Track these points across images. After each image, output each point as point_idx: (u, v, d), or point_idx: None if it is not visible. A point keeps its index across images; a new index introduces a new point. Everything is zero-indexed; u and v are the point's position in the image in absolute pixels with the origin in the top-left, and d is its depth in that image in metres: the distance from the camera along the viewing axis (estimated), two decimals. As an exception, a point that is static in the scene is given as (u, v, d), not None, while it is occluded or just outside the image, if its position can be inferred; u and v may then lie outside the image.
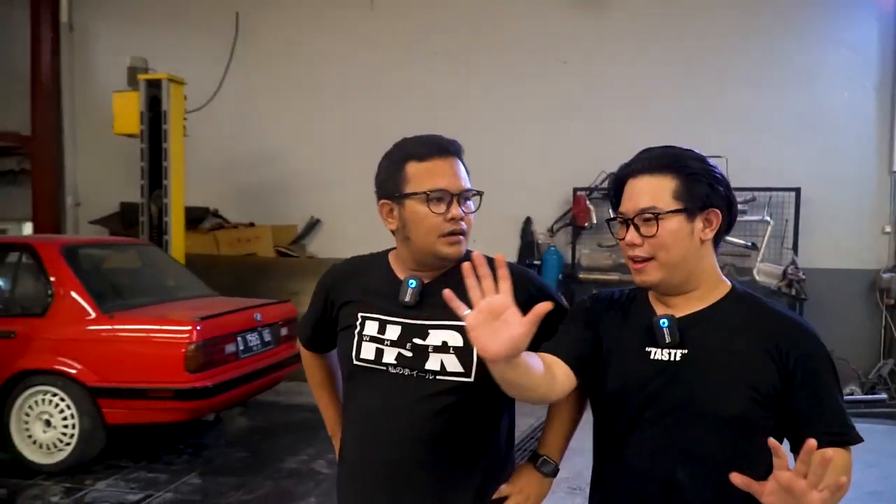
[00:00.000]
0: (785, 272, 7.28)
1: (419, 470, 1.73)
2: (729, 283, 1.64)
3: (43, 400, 4.84)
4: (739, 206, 6.91)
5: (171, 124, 7.16)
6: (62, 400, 4.80)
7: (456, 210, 1.70)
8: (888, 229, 7.62)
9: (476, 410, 1.75)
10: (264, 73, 9.10)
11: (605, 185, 7.88)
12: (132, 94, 7.30)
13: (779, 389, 1.48)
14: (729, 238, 7.36)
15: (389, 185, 1.74)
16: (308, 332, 1.98)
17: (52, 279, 4.94)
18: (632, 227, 1.56)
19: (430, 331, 1.73)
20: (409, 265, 1.79)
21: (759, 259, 7.38)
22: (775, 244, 7.52)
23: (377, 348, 1.74)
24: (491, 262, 1.39)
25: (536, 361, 1.45)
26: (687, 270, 1.56)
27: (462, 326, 1.54)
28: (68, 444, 4.80)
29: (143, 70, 7.48)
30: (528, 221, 8.35)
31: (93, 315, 4.84)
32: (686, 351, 1.53)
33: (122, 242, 6.55)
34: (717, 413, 1.48)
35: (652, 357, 1.55)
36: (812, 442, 1.20)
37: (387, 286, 1.79)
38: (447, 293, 1.33)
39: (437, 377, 1.71)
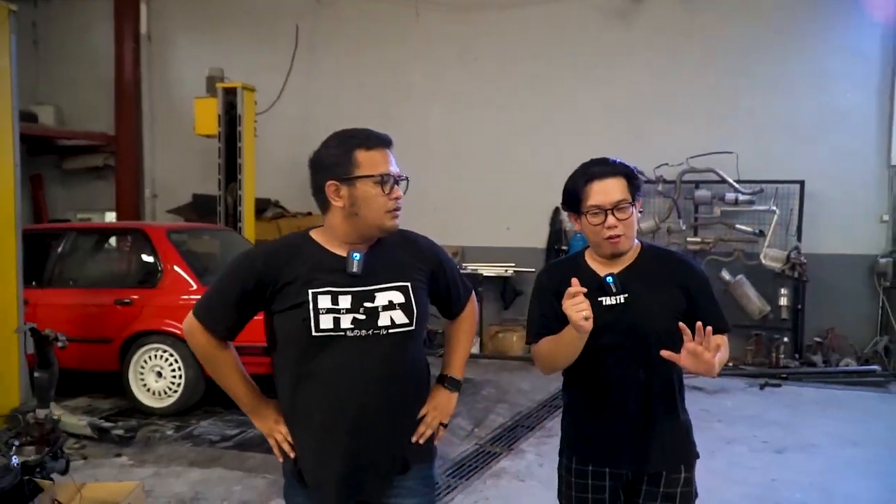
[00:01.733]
0: (788, 257, 8.07)
1: (382, 409, 2.01)
2: (639, 243, 2.27)
3: (155, 355, 5.92)
4: (749, 198, 7.94)
5: (245, 126, 8.21)
6: (171, 355, 5.88)
7: (398, 191, 2.01)
8: (886, 218, 8.33)
9: (416, 353, 2.10)
10: (322, 79, 10.10)
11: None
12: (211, 101, 8.37)
13: (686, 307, 2.16)
14: (738, 226, 8.25)
15: (339, 168, 1.97)
16: (228, 320, 2.02)
17: (161, 257, 6.02)
18: (610, 215, 2.11)
19: (376, 294, 1.99)
20: (349, 239, 2.01)
21: (765, 245, 8.19)
22: (781, 232, 8.30)
23: (334, 318, 1.94)
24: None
25: None
26: (632, 240, 2.21)
27: (401, 286, 2.02)
28: (176, 391, 5.89)
29: (220, 79, 8.54)
30: (556, 211, 9.19)
31: (195, 286, 5.88)
32: (627, 294, 2.14)
33: (210, 228, 7.62)
34: (655, 329, 2.11)
35: (604, 304, 2.14)
36: (709, 328, 1.95)
37: (327, 262, 2.00)
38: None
39: (390, 331, 1.99)
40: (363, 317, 1.95)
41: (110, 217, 10.81)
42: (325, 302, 1.93)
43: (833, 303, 8.26)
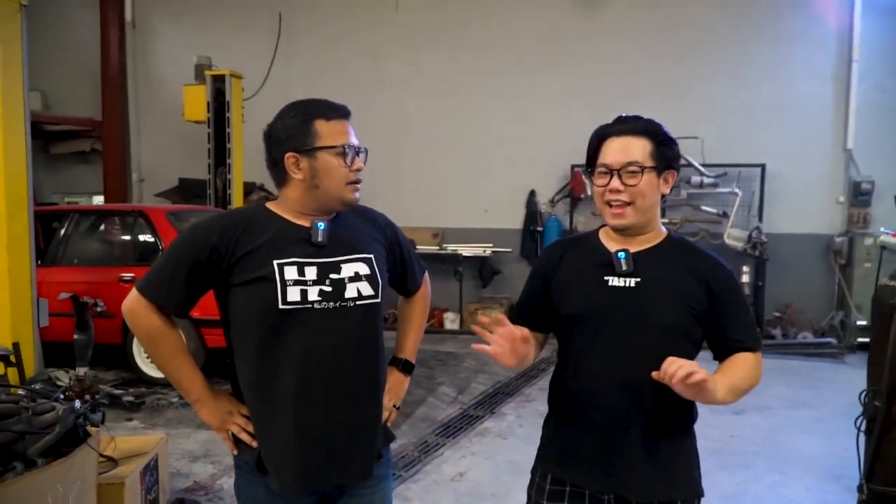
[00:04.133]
0: (750, 236, 8.58)
1: (357, 382, 1.92)
2: (666, 231, 1.96)
3: (158, 329, 6.24)
4: (713, 180, 8.49)
5: (233, 112, 8.50)
6: (173, 328, 6.20)
7: (359, 162, 1.95)
8: (842, 199, 8.90)
9: (380, 327, 2.00)
10: (304, 65, 10.34)
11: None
12: (200, 88, 8.64)
13: (706, 307, 1.84)
14: (703, 207, 8.75)
15: (299, 139, 1.89)
16: (180, 294, 1.87)
17: (161, 237, 6.35)
18: (615, 177, 1.82)
19: (342, 265, 1.91)
20: (309, 211, 1.94)
21: (729, 225, 8.69)
22: (743, 213, 8.81)
23: (301, 290, 1.84)
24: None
25: (533, 343, 1.93)
26: (649, 217, 1.89)
27: (366, 258, 1.96)
28: (178, 363, 6.21)
29: (208, 67, 8.80)
30: (532, 193, 9.63)
31: (194, 264, 6.21)
32: (639, 279, 1.84)
33: (204, 210, 7.93)
34: (664, 323, 1.81)
35: (610, 284, 1.86)
36: (669, 371, 1.64)
37: (290, 232, 1.91)
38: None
39: (357, 303, 1.90)
40: (329, 288, 1.87)
41: (97, 200, 11.01)
42: (291, 273, 1.85)
43: (792, 280, 8.80)
